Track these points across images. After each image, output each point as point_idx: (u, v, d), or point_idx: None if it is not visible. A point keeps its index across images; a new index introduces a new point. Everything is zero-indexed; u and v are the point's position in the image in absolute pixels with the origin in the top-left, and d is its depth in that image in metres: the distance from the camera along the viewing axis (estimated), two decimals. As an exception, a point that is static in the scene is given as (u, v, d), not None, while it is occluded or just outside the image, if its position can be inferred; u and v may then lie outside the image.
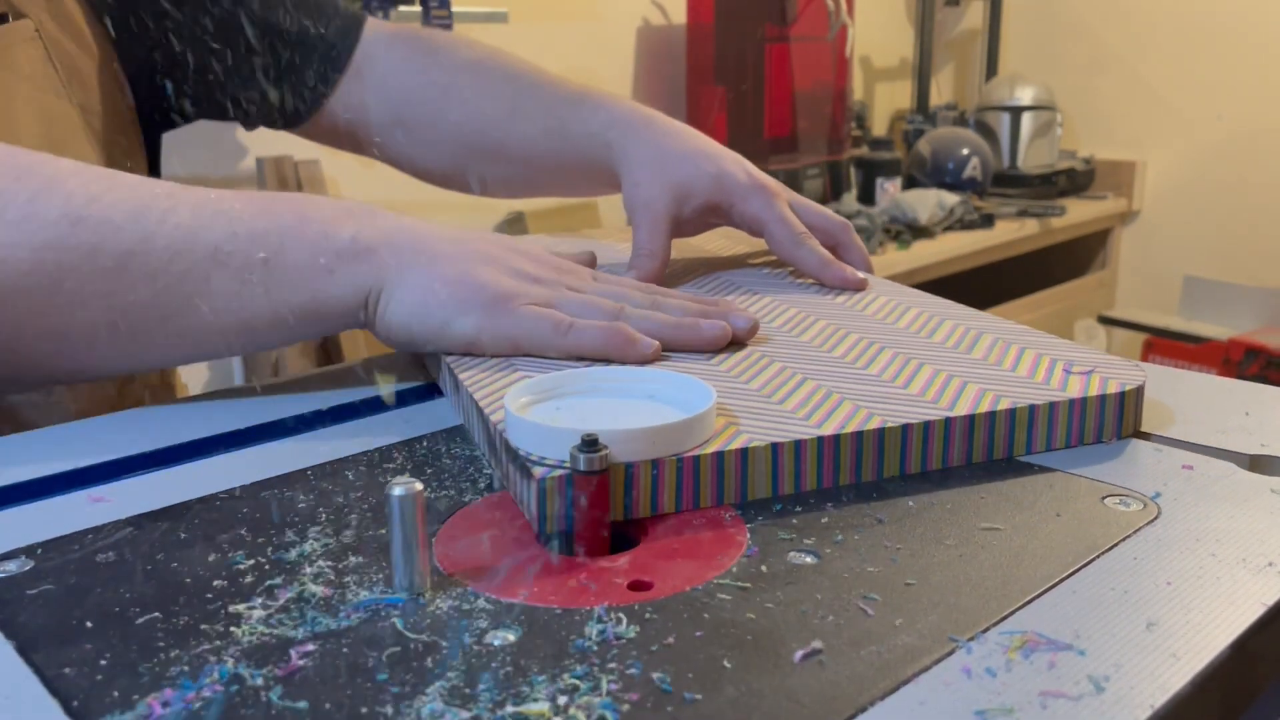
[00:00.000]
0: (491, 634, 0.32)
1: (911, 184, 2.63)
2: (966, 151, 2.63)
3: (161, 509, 0.42)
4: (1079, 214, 2.71)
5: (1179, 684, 0.29)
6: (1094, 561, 0.36)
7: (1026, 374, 0.49)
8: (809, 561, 0.37)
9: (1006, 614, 0.33)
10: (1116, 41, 2.93)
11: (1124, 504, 0.40)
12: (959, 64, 3.23)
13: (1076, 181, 2.84)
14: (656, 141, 0.69)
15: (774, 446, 0.41)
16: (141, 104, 0.70)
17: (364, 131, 0.77)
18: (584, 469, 0.37)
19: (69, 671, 0.31)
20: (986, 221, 2.46)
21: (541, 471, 0.38)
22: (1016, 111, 2.78)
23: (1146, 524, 0.39)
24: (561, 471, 0.38)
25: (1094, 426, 0.46)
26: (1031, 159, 2.79)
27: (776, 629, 0.32)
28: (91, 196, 0.48)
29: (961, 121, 2.87)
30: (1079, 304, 2.80)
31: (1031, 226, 2.53)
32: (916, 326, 0.57)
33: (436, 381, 0.57)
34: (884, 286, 0.66)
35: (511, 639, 0.32)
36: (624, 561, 0.37)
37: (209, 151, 1.81)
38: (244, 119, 0.75)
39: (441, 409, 0.53)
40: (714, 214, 0.70)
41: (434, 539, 0.39)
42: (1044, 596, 0.34)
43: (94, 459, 0.47)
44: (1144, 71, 2.89)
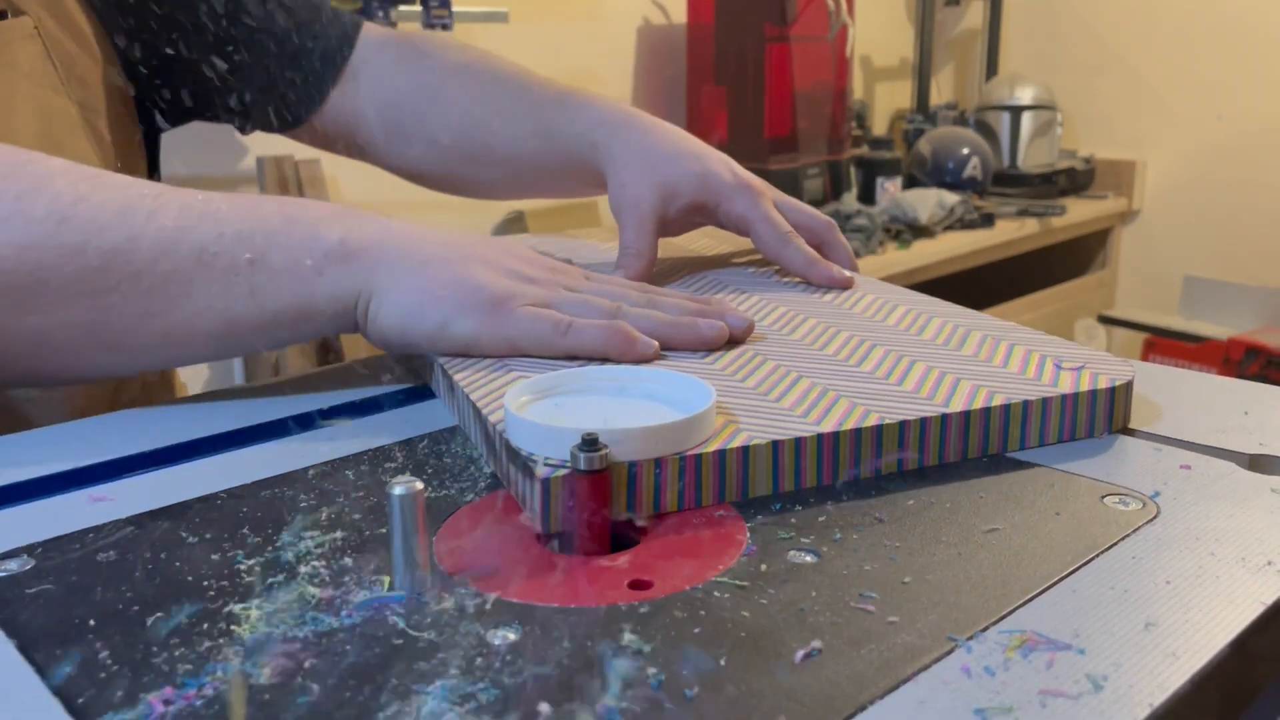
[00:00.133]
0: (491, 633, 0.33)
1: (912, 183, 2.63)
2: (966, 151, 2.63)
3: (162, 508, 0.42)
4: (1079, 214, 2.71)
5: (1178, 683, 0.29)
6: (1093, 561, 0.36)
7: (1018, 370, 0.49)
8: (808, 560, 0.37)
9: (1006, 613, 0.33)
10: (1116, 41, 2.93)
11: (1123, 503, 0.41)
12: (959, 64, 3.23)
13: (1076, 181, 2.84)
14: (642, 141, 0.69)
15: (775, 444, 0.41)
16: (140, 103, 0.70)
17: (357, 135, 0.77)
18: (584, 468, 0.37)
19: (70, 671, 0.31)
20: (986, 221, 2.46)
21: (545, 471, 0.38)
22: (1016, 111, 2.78)
23: (1146, 523, 0.39)
24: (565, 471, 0.38)
25: (1085, 421, 0.47)
26: (1031, 159, 2.79)
27: (776, 628, 0.32)
28: (79, 196, 0.48)
29: (961, 121, 2.87)
30: (1079, 304, 2.80)
31: (1031, 226, 2.53)
32: (906, 324, 0.57)
33: (427, 384, 0.56)
34: (870, 284, 0.67)
35: (512, 638, 0.32)
36: (624, 561, 0.37)
37: (209, 151, 1.81)
38: (240, 123, 0.75)
39: (441, 408, 0.53)
40: (700, 213, 0.70)
41: (434, 538, 0.39)
42: (1043, 595, 0.34)
43: (94, 459, 0.47)
44: (1144, 71, 2.89)
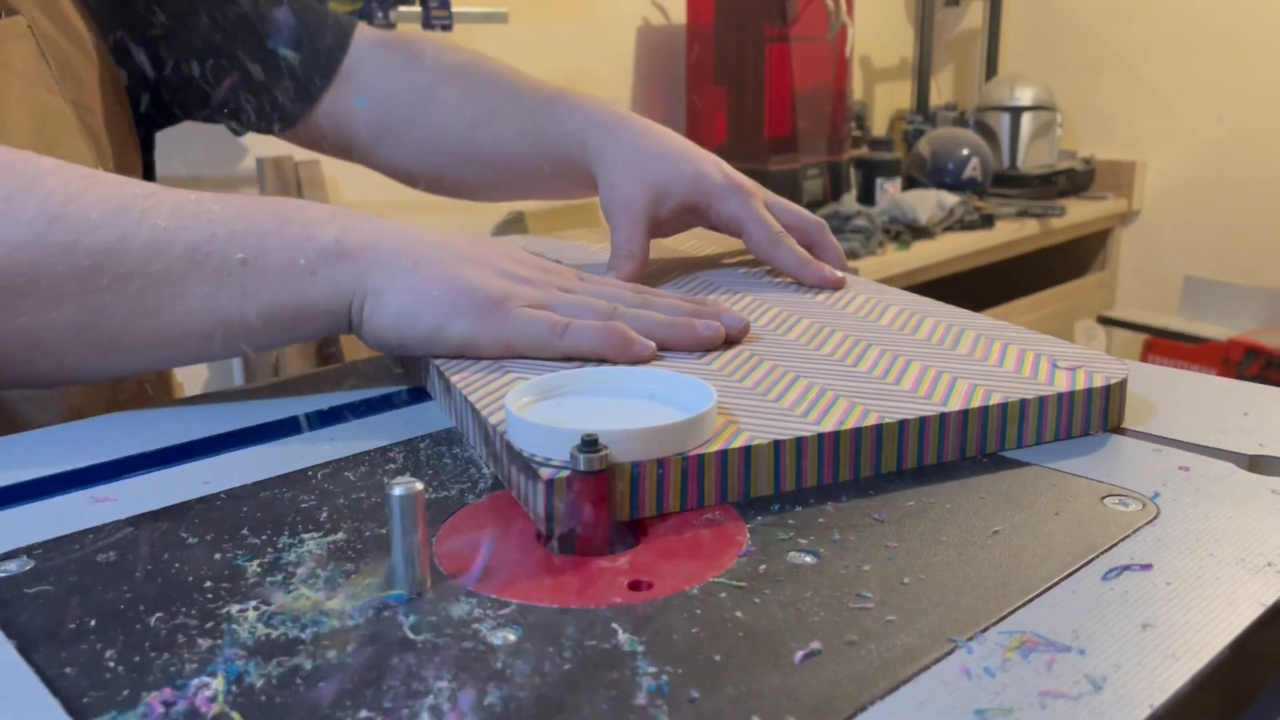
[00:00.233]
0: (492, 634, 0.33)
1: (911, 184, 2.63)
2: (966, 152, 2.63)
3: (162, 509, 0.42)
4: (1079, 214, 2.71)
5: (1178, 684, 0.29)
6: (1093, 561, 0.36)
7: (1013, 369, 0.49)
8: (808, 561, 0.37)
9: (1006, 614, 0.33)
10: (1116, 41, 2.93)
11: (1123, 504, 0.41)
12: (959, 64, 3.23)
13: (1076, 182, 2.84)
14: (632, 142, 0.68)
15: (776, 444, 0.41)
16: (135, 102, 0.70)
17: (347, 136, 0.76)
18: (584, 469, 0.37)
19: (69, 671, 0.31)
20: (986, 222, 2.46)
21: (549, 472, 0.38)
22: (1016, 112, 2.78)
23: (1145, 524, 0.39)
24: (568, 472, 0.38)
25: (1081, 420, 0.47)
26: (1031, 159, 2.79)
27: (776, 629, 0.32)
28: (70, 196, 0.48)
29: (961, 122, 2.87)
30: (1079, 304, 2.80)
31: (1031, 227, 2.53)
32: (899, 324, 0.57)
33: (422, 385, 0.56)
34: (862, 285, 0.67)
35: (512, 639, 0.32)
36: (624, 561, 0.37)
37: (209, 152, 1.81)
38: (232, 124, 0.75)
39: (441, 409, 0.53)
40: (691, 214, 0.70)
41: (434, 539, 0.39)
42: (1043, 596, 0.34)
43: (94, 459, 0.47)
44: (1144, 71, 2.89)
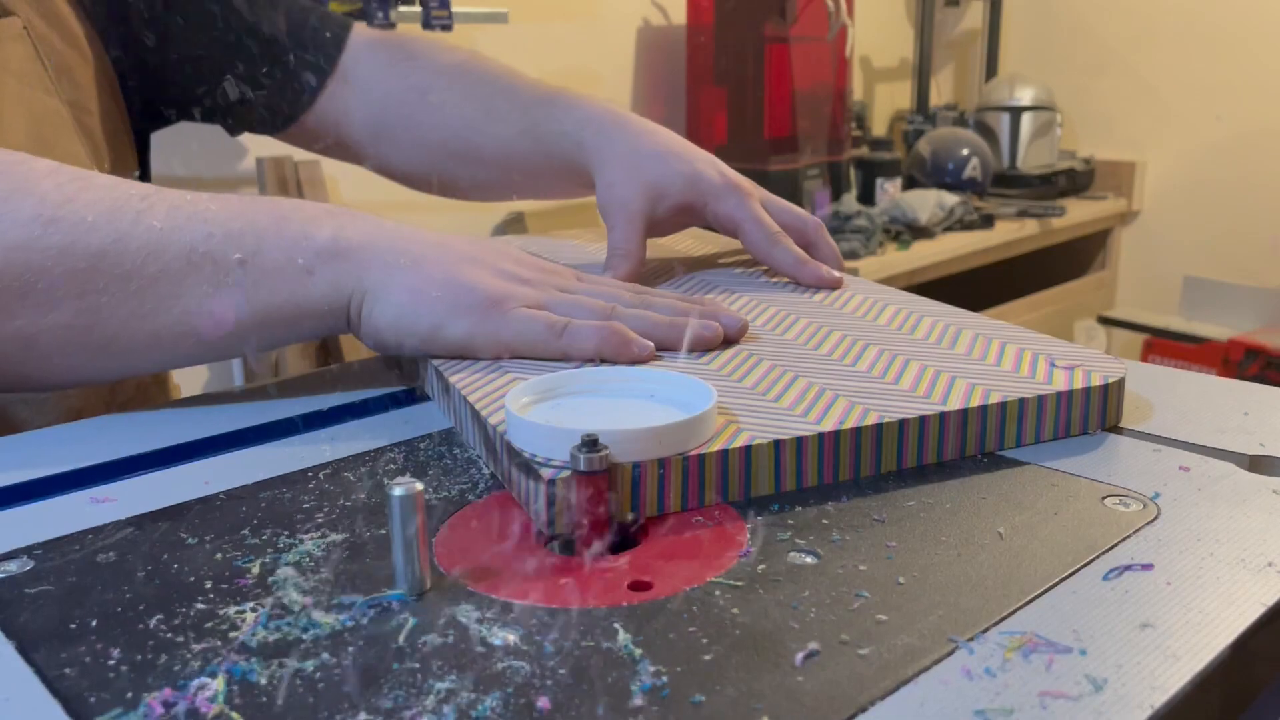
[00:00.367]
0: (491, 634, 0.33)
1: (911, 184, 2.63)
2: (966, 152, 2.63)
3: (161, 509, 0.42)
4: (1079, 214, 2.71)
5: (1178, 684, 0.29)
6: (1094, 561, 0.36)
7: (1011, 368, 0.49)
8: (808, 561, 0.37)
9: (1006, 614, 0.33)
10: (1116, 41, 2.93)
11: (1124, 504, 0.41)
12: (959, 64, 3.23)
13: (1076, 182, 2.83)
14: (629, 141, 0.68)
15: (776, 444, 0.41)
16: (130, 102, 0.70)
17: (347, 137, 0.76)
18: (584, 469, 0.37)
19: (69, 671, 0.31)
20: (986, 222, 2.46)
21: (550, 472, 0.38)
22: (1016, 112, 2.78)
23: (1146, 524, 0.39)
24: (569, 471, 0.38)
25: (1080, 418, 0.47)
26: (1031, 159, 2.79)
27: (776, 629, 0.32)
28: (66, 197, 0.47)
29: (961, 122, 2.87)
30: (1079, 304, 2.80)
31: (1031, 227, 2.53)
32: (896, 324, 0.57)
33: (419, 385, 0.56)
34: (859, 284, 0.67)
35: (511, 639, 0.32)
36: (624, 561, 0.37)
37: (208, 152, 1.80)
38: (229, 124, 0.75)
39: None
40: (688, 214, 0.69)
41: (434, 539, 0.39)
42: (1044, 597, 0.34)
43: (94, 459, 0.47)
44: (1144, 71, 2.89)
